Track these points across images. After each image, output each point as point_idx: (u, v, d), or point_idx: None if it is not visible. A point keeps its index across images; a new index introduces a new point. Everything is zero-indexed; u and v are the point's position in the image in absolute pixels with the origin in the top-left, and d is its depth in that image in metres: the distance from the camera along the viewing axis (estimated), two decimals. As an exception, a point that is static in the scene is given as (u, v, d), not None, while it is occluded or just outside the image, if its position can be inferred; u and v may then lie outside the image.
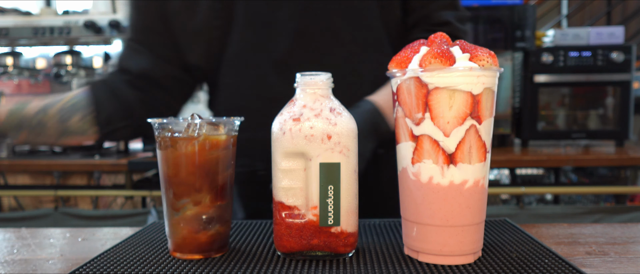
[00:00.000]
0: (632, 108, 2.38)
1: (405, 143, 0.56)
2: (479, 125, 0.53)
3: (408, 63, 0.54)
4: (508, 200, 2.90)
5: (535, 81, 2.38)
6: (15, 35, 2.37)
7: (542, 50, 2.37)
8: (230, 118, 0.59)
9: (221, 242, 0.60)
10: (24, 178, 2.90)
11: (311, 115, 0.55)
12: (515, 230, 0.69)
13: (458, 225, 0.54)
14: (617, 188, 2.20)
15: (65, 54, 2.47)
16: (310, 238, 0.56)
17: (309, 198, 0.56)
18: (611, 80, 2.37)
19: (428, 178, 0.54)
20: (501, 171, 2.88)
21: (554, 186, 2.42)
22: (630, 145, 2.57)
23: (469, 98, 0.52)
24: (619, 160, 2.12)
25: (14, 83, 2.84)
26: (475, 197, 0.54)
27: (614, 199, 2.52)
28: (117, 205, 2.88)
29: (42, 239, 0.72)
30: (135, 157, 2.27)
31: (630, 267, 0.56)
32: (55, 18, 2.38)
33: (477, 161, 0.53)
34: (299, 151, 0.55)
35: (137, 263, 0.57)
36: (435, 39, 0.55)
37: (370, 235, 0.67)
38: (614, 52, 2.32)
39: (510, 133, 2.47)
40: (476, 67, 0.52)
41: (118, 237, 0.72)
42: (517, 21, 2.37)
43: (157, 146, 0.59)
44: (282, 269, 0.54)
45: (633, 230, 0.72)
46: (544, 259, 0.56)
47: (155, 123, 0.58)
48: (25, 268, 0.59)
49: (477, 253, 0.57)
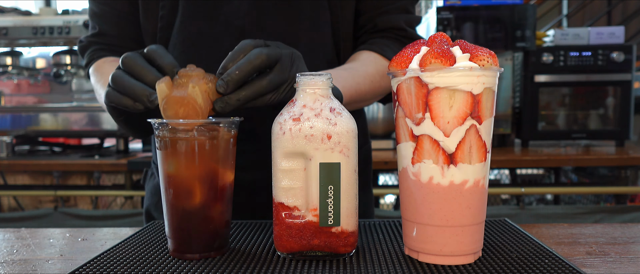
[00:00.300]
0: (632, 108, 2.38)
1: (405, 143, 0.56)
2: (479, 125, 0.53)
3: (408, 63, 0.54)
4: (508, 200, 2.90)
5: (536, 81, 2.38)
6: (14, 35, 2.37)
7: (542, 50, 2.37)
8: (231, 118, 0.59)
9: (221, 242, 0.60)
10: (24, 178, 2.90)
11: (311, 115, 0.55)
12: (515, 230, 0.69)
13: (458, 225, 0.54)
14: (618, 188, 2.20)
15: (65, 54, 2.47)
16: (311, 238, 0.56)
17: (309, 198, 0.56)
18: (611, 80, 2.37)
19: (428, 178, 0.54)
20: (501, 171, 2.88)
21: (554, 187, 2.42)
22: (631, 145, 2.57)
23: (469, 98, 0.52)
24: (619, 160, 2.12)
25: (13, 83, 2.84)
26: (476, 197, 0.54)
27: (614, 199, 2.52)
28: (116, 205, 2.88)
29: (41, 239, 0.72)
30: (135, 157, 2.27)
31: (630, 267, 0.56)
32: (55, 18, 2.38)
33: (477, 161, 0.53)
34: (299, 151, 0.55)
35: (137, 263, 0.57)
36: (435, 39, 0.55)
37: (370, 235, 0.67)
38: (615, 52, 2.32)
39: (511, 133, 2.47)
40: (476, 66, 0.52)
41: (118, 237, 0.72)
42: (518, 21, 2.36)
43: (157, 145, 0.59)
44: (282, 269, 0.54)
45: (633, 230, 0.72)
46: (544, 259, 0.56)
47: (155, 122, 0.58)
48: (25, 268, 0.59)
49: (477, 253, 0.57)
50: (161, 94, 0.57)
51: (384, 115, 2.44)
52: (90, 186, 2.71)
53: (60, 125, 2.38)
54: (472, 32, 2.39)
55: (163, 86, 0.56)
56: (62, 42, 2.43)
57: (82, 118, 2.36)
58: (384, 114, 2.44)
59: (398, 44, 0.88)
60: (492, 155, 0.84)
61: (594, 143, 2.57)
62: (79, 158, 2.28)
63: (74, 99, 2.81)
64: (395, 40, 0.89)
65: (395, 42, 0.89)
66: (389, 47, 0.87)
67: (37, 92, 2.84)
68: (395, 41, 0.89)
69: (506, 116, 2.43)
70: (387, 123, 2.45)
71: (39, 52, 2.67)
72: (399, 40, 0.89)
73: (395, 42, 0.89)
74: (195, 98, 0.56)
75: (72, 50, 2.49)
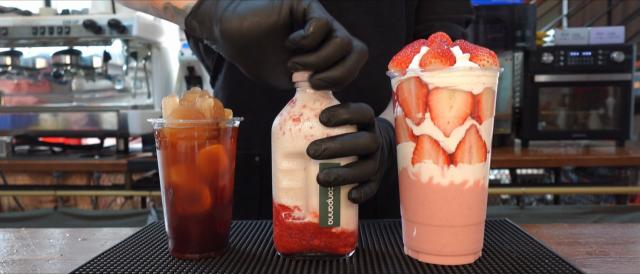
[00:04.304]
0: (632, 108, 2.38)
1: (405, 143, 0.56)
2: (480, 125, 0.53)
3: (408, 63, 0.54)
4: (508, 200, 2.90)
5: (536, 81, 2.38)
6: (14, 35, 2.37)
7: (542, 50, 2.37)
8: (231, 118, 0.59)
9: (221, 242, 0.60)
10: (24, 178, 2.90)
11: (311, 115, 0.55)
12: (516, 230, 0.69)
13: (458, 225, 0.54)
14: (618, 188, 2.20)
15: (65, 54, 2.46)
16: (311, 239, 0.56)
17: (309, 199, 0.56)
18: (612, 80, 2.36)
19: (428, 178, 0.54)
20: (501, 171, 2.88)
21: (554, 186, 2.42)
22: (631, 145, 2.57)
23: (469, 98, 0.52)
24: (619, 160, 2.12)
25: (13, 83, 2.84)
26: (476, 197, 0.54)
27: (614, 199, 2.52)
28: (116, 205, 2.88)
29: (41, 239, 0.72)
30: (135, 157, 2.27)
31: (630, 267, 0.56)
32: (55, 18, 2.37)
33: (478, 161, 0.53)
34: (299, 151, 0.55)
35: (137, 263, 0.57)
36: (435, 39, 0.55)
37: (370, 235, 0.67)
38: (615, 52, 2.32)
39: (511, 133, 2.47)
40: (476, 66, 0.51)
41: (118, 237, 0.72)
42: (518, 21, 2.36)
43: (157, 145, 0.59)
44: (282, 270, 0.54)
45: (634, 230, 0.72)
46: (544, 259, 0.56)
47: (155, 122, 0.58)
48: (25, 268, 0.59)
49: (477, 253, 0.57)
50: (168, 106, 0.57)
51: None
52: (90, 186, 2.71)
53: (60, 125, 2.38)
54: (472, 32, 2.39)
55: (170, 100, 0.58)
56: (62, 42, 2.43)
57: (82, 118, 2.36)
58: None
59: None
60: (492, 155, 0.84)
61: (594, 143, 2.57)
62: (78, 158, 2.28)
63: (74, 99, 2.81)
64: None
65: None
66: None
67: (37, 92, 2.84)
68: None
69: (506, 116, 2.43)
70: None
71: (39, 52, 2.66)
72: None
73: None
74: (203, 112, 0.57)
75: (72, 50, 2.48)
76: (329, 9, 0.83)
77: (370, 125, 0.56)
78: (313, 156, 0.52)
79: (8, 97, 2.88)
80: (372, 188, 0.55)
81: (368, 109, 0.55)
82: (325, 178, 0.52)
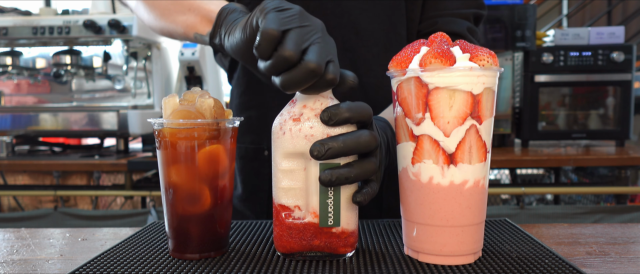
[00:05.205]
0: (632, 108, 2.38)
1: (405, 143, 0.56)
2: (479, 125, 0.53)
3: (408, 63, 0.54)
4: (508, 200, 2.90)
5: (536, 81, 2.38)
6: (14, 35, 2.37)
7: (542, 50, 2.37)
8: (231, 118, 0.59)
9: (221, 242, 0.60)
10: (24, 178, 2.90)
11: (311, 115, 0.55)
12: (515, 230, 0.69)
13: (458, 225, 0.54)
14: (618, 188, 2.20)
15: (65, 54, 2.46)
16: (311, 239, 0.56)
17: (309, 199, 0.56)
18: (612, 80, 2.36)
19: (428, 178, 0.54)
20: (501, 171, 2.88)
21: (554, 186, 2.42)
22: (631, 145, 2.57)
23: (469, 98, 0.52)
24: (619, 160, 2.12)
25: (13, 83, 2.84)
26: (476, 197, 0.54)
27: (614, 199, 2.52)
28: (116, 205, 2.88)
29: (41, 239, 0.72)
30: (135, 157, 2.27)
31: (630, 267, 0.56)
32: (55, 18, 2.37)
33: (478, 161, 0.53)
34: (299, 151, 0.55)
35: (137, 263, 0.57)
36: (435, 39, 0.55)
37: (370, 235, 0.67)
38: (615, 52, 2.32)
39: (511, 133, 2.47)
40: (476, 66, 0.51)
41: (118, 237, 0.72)
42: (518, 21, 2.36)
43: (157, 145, 0.59)
44: (282, 270, 0.54)
45: (633, 230, 0.72)
46: (544, 259, 0.56)
47: (155, 122, 0.58)
48: (25, 268, 0.59)
49: (478, 253, 0.57)
50: (168, 106, 0.57)
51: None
52: (90, 186, 2.71)
53: (60, 125, 2.37)
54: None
55: (170, 100, 0.58)
56: (62, 42, 2.43)
57: (82, 118, 2.36)
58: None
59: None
60: (492, 155, 0.84)
61: (594, 143, 2.57)
62: (78, 158, 2.28)
63: (74, 99, 2.81)
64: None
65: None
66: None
67: (37, 92, 2.84)
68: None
69: (506, 116, 2.43)
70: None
71: (39, 52, 2.66)
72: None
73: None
74: (203, 113, 0.57)
75: (72, 50, 2.48)
76: (330, 8, 0.84)
77: (369, 124, 0.56)
78: (317, 157, 0.53)
79: (8, 97, 2.88)
80: (373, 188, 0.56)
81: (367, 107, 0.56)
82: (328, 179, 0.53)
